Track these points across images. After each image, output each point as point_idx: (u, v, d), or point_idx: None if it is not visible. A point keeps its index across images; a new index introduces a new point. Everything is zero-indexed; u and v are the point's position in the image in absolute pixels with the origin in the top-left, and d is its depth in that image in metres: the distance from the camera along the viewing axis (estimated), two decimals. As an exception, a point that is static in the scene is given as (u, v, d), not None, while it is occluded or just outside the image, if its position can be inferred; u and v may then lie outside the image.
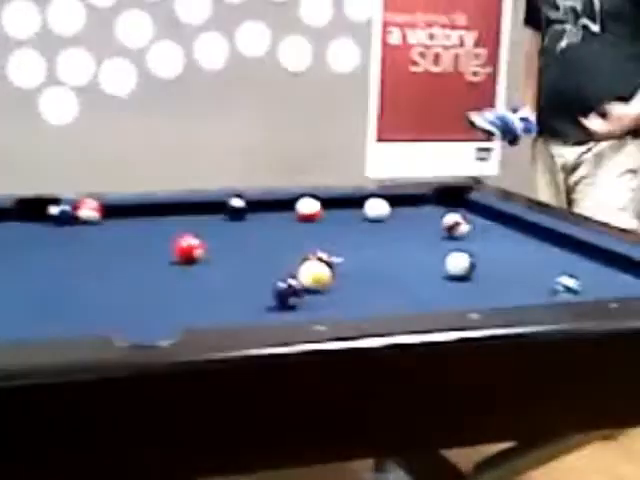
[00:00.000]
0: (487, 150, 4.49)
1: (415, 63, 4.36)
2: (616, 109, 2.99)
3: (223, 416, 1.42)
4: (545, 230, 2.45)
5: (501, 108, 3.16)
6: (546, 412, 1.66)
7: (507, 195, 2.90)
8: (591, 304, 1.78)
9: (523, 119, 3.13)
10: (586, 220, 2.56)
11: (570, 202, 3.24)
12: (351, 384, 1.50)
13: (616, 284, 2.04)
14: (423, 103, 4.40)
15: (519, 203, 2.76)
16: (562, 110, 3.17)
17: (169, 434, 1.39)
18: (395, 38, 4.30)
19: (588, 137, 3.09)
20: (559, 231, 2.40)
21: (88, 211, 2.54)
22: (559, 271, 1.94)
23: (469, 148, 4.43)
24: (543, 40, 3.24)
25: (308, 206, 2.67)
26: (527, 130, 3.19)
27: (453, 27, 4.39)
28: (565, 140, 3.21)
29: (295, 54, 4.15)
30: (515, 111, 3.16)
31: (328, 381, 1.48)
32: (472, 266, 2.05)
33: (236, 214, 2.66)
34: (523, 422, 1.66)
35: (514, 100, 3.22)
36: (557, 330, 1.65)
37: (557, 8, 3.14)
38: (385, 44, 4.28)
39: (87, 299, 1.84)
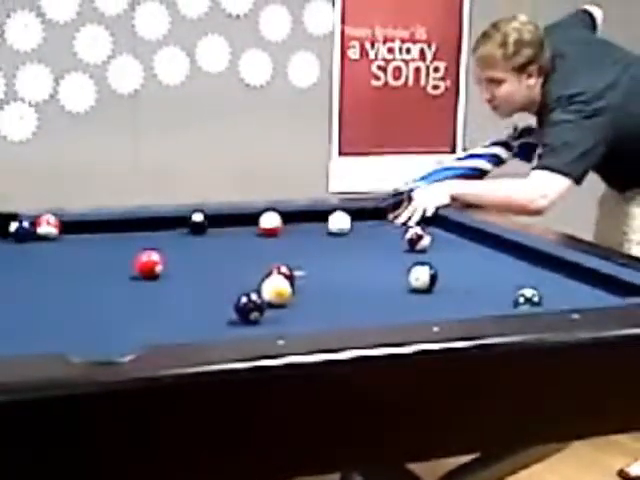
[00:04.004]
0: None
1: (376, 77, 4.37)
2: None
3: (184, 432, 1.40)
4: (506, 242, 2.46)
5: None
6: (510, 423, 1.66)
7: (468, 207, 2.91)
8: (553, 315, 1.79)
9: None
10: (547, 232, 2.57)
11: None
12: (313, 398, 1.49)
13: (577, 295, 2.05)
14: (384, 117, 4.42)
15: (480, 216, 2.77)
16: None
17: (129, 452, 1.38)
18: (355, 52, 4.31)
19: None
20: (520, 243, 2.41)
21: (47, 227, 2.52)
22: (520, 283, 1.94)
23: (430, 161, 4.44)
24: None
25: (270, 220, 2.67)
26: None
27: (413, 41, 4.41)
28: None
29: (255, 68, 4.14)
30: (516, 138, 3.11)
31: (292, 395, 1.47)
32: (434, 279, 2.05)
33: (197, 229, 2.64)
34: (488, 433, 1.66)
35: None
36: (519, 342, 1.65)
37: None
38: (345, 58, 4.29)
39: (44, 317, 1.82)
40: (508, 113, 3.03)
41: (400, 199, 2.91)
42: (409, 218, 2.80)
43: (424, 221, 2.75)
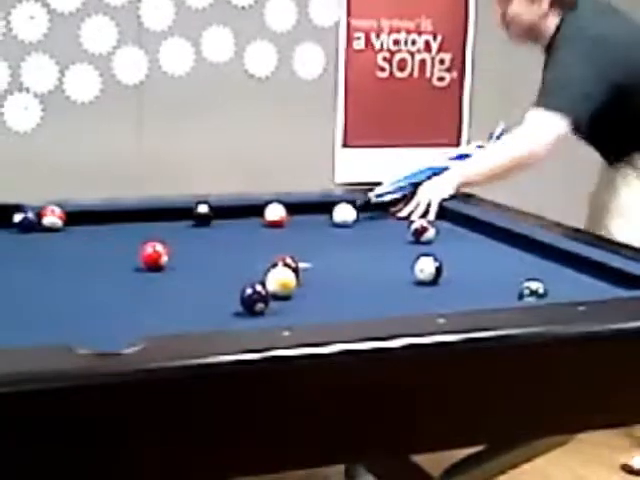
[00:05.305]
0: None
1: (381, 68, 4.36)
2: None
3: (188, 423, 1.40)
4: (511, 234, 2.45)
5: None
6: (515, 415, 1.66)
7: (473, 199, 2.90)
8: (558, 307, 1.78)
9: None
10: (552, 224, 2.57)
11: None
12: (318, 389, 1.49)
13: (583, 287, 2.04)
14: (389, 108, 4.41)
15: (485, 208, 2.76)
16: None
17: (133, 444, 1.38)
18: (361, 43, 4.30)
19: None
20: (526, 235, 2.41)
21: (51, 218, 2.52)
22: (526, 275, 1.94)
23: (435, 153, 4.43)
24: None
25: (274, 212, 2.66)
26: None
27: (419, 32, 4.40)
28: None
29: (260, 59, 4.14)
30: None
31: (296, 386, 1.47)
32: (439, 271, 2.04)
33: (202, 220, 2.64)
34: (492, 425, 1.66)
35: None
36: (525, 333, 1.65)
37: None
38: (351, 49, 4.29)
39: (49, 308, 1.82)
40: (517, 36, 2.98)
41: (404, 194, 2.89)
42: (412, 212, 2.78)
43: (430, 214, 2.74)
